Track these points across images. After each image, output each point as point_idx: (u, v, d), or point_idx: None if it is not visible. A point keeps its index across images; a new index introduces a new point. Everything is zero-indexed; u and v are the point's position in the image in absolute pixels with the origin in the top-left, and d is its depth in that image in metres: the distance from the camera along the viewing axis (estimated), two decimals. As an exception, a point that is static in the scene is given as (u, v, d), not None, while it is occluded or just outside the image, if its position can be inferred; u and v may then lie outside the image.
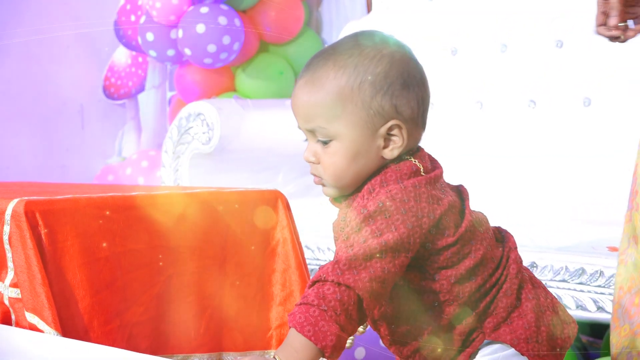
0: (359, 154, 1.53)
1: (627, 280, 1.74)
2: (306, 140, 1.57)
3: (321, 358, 1.45)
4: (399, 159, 1.54)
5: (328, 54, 1.54)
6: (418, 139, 1.56)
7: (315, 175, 1.57)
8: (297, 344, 1.44)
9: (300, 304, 1.46)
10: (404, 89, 1.52)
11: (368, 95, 1.51)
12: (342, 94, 1.51)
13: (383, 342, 1.63)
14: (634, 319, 1.70)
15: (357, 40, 1.54)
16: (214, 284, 2.04)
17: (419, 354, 1.58)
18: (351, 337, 1.62)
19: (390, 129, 1.52)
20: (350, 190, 1.56)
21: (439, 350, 1.56)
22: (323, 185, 1.57)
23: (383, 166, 1.54)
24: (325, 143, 1.54)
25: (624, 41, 1.75)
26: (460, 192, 1.58)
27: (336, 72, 1.52)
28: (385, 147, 1.53)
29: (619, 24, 1.73)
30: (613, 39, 1.75)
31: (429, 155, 1.58)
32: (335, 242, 1.58)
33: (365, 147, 1.53)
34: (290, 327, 1.46)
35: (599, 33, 1.76)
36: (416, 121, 1.54)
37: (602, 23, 1.75)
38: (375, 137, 1.53)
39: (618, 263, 1.78)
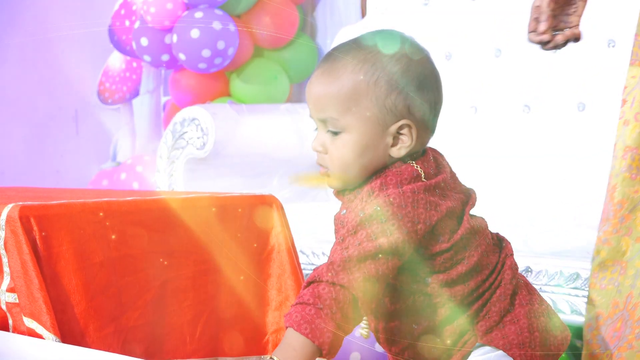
0: (367, 148, 1.53)
1: (607, 306, 1.72)
2: (316, 129, 1.58)
3: (318, 358, 1.46)
4: (403, 160, 1.55)
5: (348, 47, 1.55)
6: (425, 142, 1.58)
7: (321, 165, 1.58)
8: (294, 343, 1.45)
9: (296, 303, 1.47)
10: (418, 91, 1.53)
11: (383, 93, 1.52)
12: (358, 88, 1.52)
13: (375, 338, 1.64)
14: (615, 344, 1.70)
15: (378, 37, 1.55)
16: (209, 288, 2.04)
17: (409, 352, 1.59)
18: (366, 329, 1.62)
19: (401, 127, 1.53)
20: (354, 184, 1.56)
21: (431, 350, 1.57)
22: (328, 176, 1.58)
23: (385, 166, 1.54)
24: (335, 134, 1.54)
25: (553, 48, 1.74)
26: (468, 196, 1.59)
27: (354, 66, 1.53)
28: (393, 145, 1.54)
29: (554, 32, 1.73)
30: (543, 45, 1.74)
31: (436, 157, 1.58)
32: (335, 235, 1.59)
33: (374, 143, 1.53)
34: (287, 328, 1.46)
35: (530, 40, 1.75)
36: (426, 124, 1.55)
37: (534, 29, 1.75)
38: (385, 134, 1.53)
39: (590, 288, 1.75)
